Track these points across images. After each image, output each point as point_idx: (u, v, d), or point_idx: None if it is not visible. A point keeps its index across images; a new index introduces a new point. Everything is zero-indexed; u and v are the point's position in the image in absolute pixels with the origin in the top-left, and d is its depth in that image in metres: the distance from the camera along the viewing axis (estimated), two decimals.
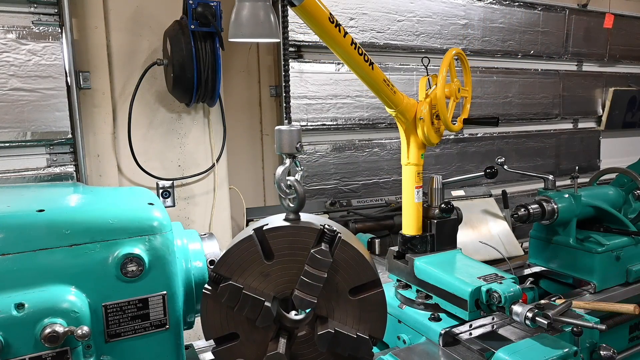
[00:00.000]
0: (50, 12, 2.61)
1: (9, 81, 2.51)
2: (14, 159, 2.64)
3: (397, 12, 3.87)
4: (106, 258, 1.23)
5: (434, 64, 2.11)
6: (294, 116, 3.48)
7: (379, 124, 3.90)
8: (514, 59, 4.66)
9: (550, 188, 2.55)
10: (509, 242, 3.63)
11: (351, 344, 1.43)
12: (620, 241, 2.56)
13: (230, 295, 1.36)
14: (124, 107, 2.80)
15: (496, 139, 4.62)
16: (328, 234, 1.40)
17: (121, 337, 1.27)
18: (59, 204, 1.37)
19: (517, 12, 4.53)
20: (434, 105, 1.97)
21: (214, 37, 2.65)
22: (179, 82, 2.67)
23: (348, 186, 3.85)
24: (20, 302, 1.12)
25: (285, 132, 1.47)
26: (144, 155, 2.88)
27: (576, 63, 5.12)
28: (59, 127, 2.64)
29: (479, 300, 1.74)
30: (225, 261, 1.38)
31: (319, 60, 3.61)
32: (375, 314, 1.47)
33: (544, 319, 1.62)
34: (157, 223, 1.30)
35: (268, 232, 1.39)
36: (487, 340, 1.79)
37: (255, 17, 1.63)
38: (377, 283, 1.47)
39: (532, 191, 4.81)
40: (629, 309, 2.09)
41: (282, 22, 3.28)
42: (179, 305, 1.36)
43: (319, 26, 1.59)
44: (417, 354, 1.80)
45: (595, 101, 5.28)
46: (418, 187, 2.05)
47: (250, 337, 1.43)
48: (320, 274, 1.36)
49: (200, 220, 3.10)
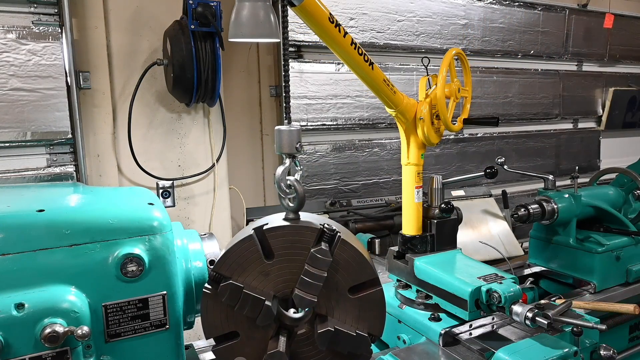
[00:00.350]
0: (50, 12, 2.61)
1: (9, 81, 2.51)
2: (14, 159, 2.64)
3: (397, 12, 3.87)
4: (106, 258, 1.23)
5: (434, 64, 2.11)
6: (294, 116, 3.47)
7: (379, 124, 3.90)
8: (514, 59, 4.66)
9: (550, 188, 2.55)
10: (509, 242, 3.63)
11: (351, 341, 1.43)
12: (620, 241, 2.56)
13: (231, 294, 1.36)
14: (124, 107, 2.80)
15: (496, 139, 4.62)
16: (328, 233, 1.40)
17: (121, 337, 1.27)
18: (59, 204, 1.37)
19: (517, 12, 4.53)
20: (434, 105, 1.98)
21: (214, 37, 2.65)
22: (179, 82, 2.67)
23: (348, 186, 3.85)
24: (20, 302, 1.12)
25: (285, 132, 1.47)
26: (144, 155, 2.88)
27: (576, 63, 5.12)
28: (59, 127, 2.64)
29: (479, 300, 1.74)
30: (225, 261, 1.38)
31: (319, 60, 3.61)
32: (374, 312, 1.48)
33: (544, 319, 1.62)
34: (157, 223, 1.30)
35: (268, 232, 1.39)
36: (487, 340, 1.79)
37: (255, 17, 1.63)
38: (376, 281, 1.48)
39: (532, 191, 4.81)
40: (629, 309, 2.09)
41: (282, 22, 3.28)
42: (179, 305, 1.36)
43: (318, 26, 1.59)
44: (417, 354, 1.80)
45: (595, 101, 5.27)
46: (418, 187, 2.05)
47: (250, 335, 1.43)
48: (320, 273, 1.37)
49: (200, 220, 3.10)
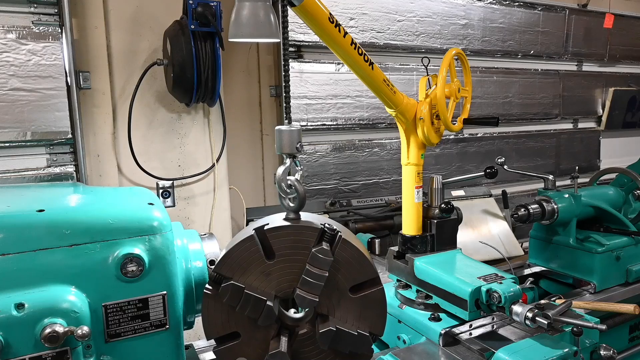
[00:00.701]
0: (50, 12, 2.60)
1: (9, 81, 2.51)
2: (14, 159, 2.63)
3: (397, 12, 3.87)
4: (106, 258, 1.23)
5: (434, 64, 2.11)
6: (294, 116, 3.47)
7: (379, 124, 3.90)
8: (514, 59, 4.65)
9: (550, 188, 2.55)
10: (509, 242, 3.63)
11: (352, 341, 1.44)
12: (620, 241, 2.56)
13: (232, 295, 1.36)
14: (124, 107, 2.80)
15: (496, 139, 4.62)
16: (329, 233, 1.40)
17: (121, 337, 1.27)
18: (59, 204, 1.37)
19: (517, 12, 4.53)
20: (434, 105, 1.97)
21: (214, 37, 2.65)
22: (179, 82, 2.67)
23: (348, 186, 3.85)
24: (20, 302, 1.12)
25: (286, 132, 1.47)
26: (144, 155, 2.88)
27: (576, 63, 5.11)
28: (59, 127, 2.64)
29: (479, 300, 1.74)
30: (226, 261, 1.38)
31: (319, 60, 3.60)
32: (375, 311, 1.48)
33: (544, 319, 1.62)
34: (157, 223, 1.30)
35: (269, 232, 1.39)
36: (487, 340, 1.79)
37: (255, 17, 1.63)
38: (377, 281, 1.48)
39: (532, 191, 4.80)
40: (629, 309, 2.09)
41: (282, 22, 3.28)
42: (179, 305, 1.36)
43: (318, 26, 1.59)
44: (417, 354, 1.80)
45: (595, 101, 5.27)
46: (418, 187, 2.05)
47: (251, 336, 1.43)
48: (321, 273, 1.37)
49: (200, 220, 3.10)
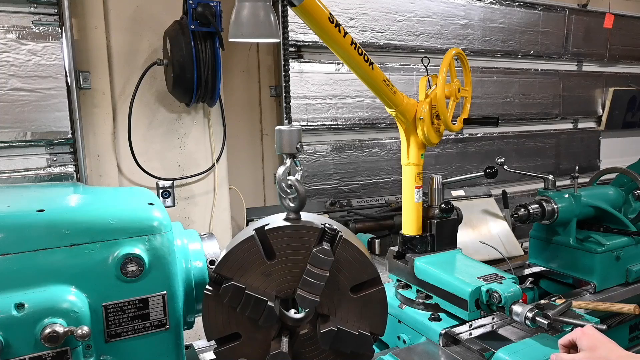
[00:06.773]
0: (50, 12, 2.60)
1: (9, 81, 2.51)
2: (14, 159, 2.63)
3: (397, 12, 3.87)
4: (106, 258, 1.23)
5: (434, 64, 2.11)
6: (294, 116, 3.47)
7: (379, 124, 3.90)
8: (514, 59, 4.65)
9: (550, 188, 2.55)
10: (509, 242, 3.63)
11: (353, 340, 1.44)
12: (620, 241, 2.56)
13: (233, 295, 1.36)
14: (124, 107, 2.80)
15: (496, 139, 4.62)
16: (329, 233, 1.40)
17: (121, 337, 1.27)
18: (59, 204, 1.37)
19: (517, 12, 4.53)
20: (434, 105, 1.97)
21: (214, 37, 2.65)
22: (179, 82, 2.67)
23: (348, 186, 3.84)
24: (20, 302, 1.12)
25: (286, 132, 1.47)
26: (144, 155, 2.88)
27: (576, 63, 5.11)
28: (59, 127, 2.64)
29: (479, 300, 1.74)
30: (226, 262, 1.38)
31: (319, 60, 3.60)
32: (376, 310, 1.48)
33: (544, 319, 1.63)
34: (157, 223, 1.30)
35: (269, 232, 1.39)
36: (487, 340, 1.79)
37: (255, 17, 1.63)
38: (377, 280, 1.48)
39: (532, 191, 4.80)
40: (629, 309, 2.09)
41: (282, 22, 3.28)
42: (179, 305, 1.36)
43: (318, 26, 1.59)
44: (417, 354, 1.80)
45: (595, 101, 5.27)
46: (418, 187, 2.05)
47: (252, 336, 1.43)
48: (322, 273, 1.37)
49: (200, 220, 3.10)
